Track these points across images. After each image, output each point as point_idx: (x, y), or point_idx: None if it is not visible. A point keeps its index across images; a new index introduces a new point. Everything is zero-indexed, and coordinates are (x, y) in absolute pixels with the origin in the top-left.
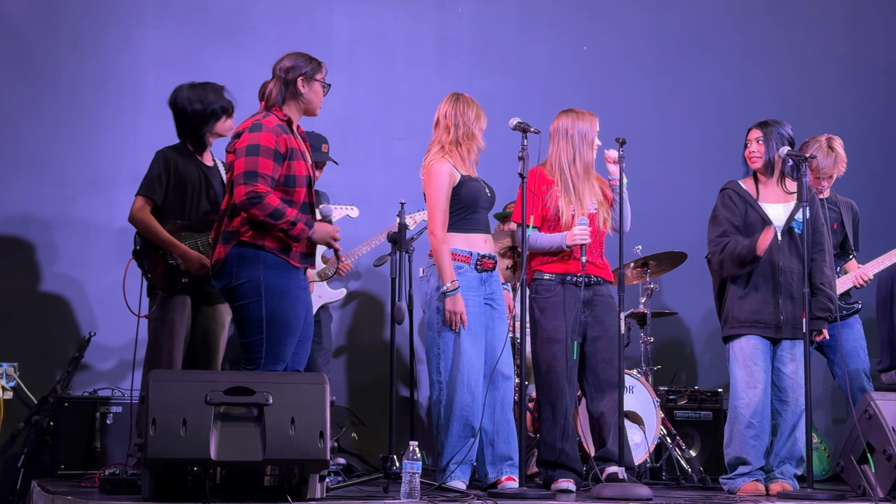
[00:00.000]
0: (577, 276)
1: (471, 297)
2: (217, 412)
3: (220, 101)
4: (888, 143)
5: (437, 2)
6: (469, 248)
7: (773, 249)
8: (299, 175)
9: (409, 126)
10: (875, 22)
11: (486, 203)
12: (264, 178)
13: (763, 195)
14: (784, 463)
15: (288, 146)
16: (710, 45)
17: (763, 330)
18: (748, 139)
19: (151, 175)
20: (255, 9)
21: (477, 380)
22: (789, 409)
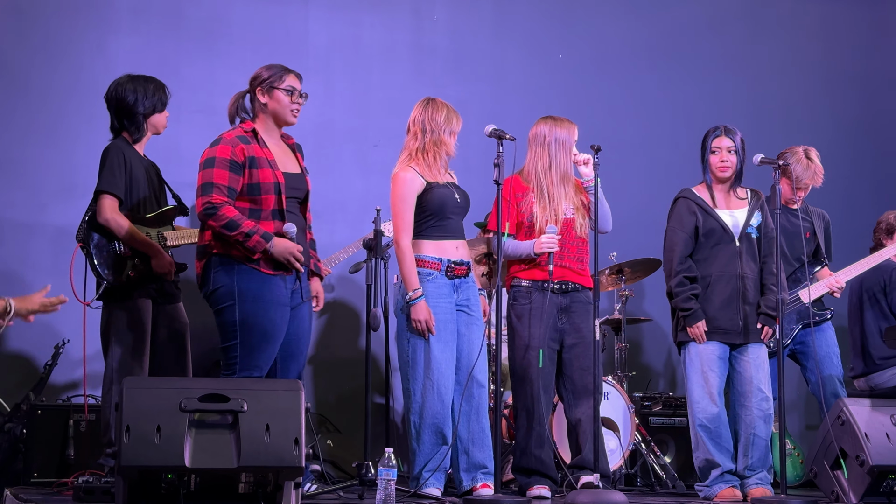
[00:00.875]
0: (553, 283)
1: (441, 304)
2: (191, 419)
3: (160, 93)
4: (860, 151)
5: (413, 9)
6: (439, 254)
7: (731, 255)
8: (264, 182)
9: (385, 133)
10: (846, 31)
11: (456, 209)
12: (219, 188)
13: (718, 202)
14: (758, 469)
15: (247, 155)
16: (684, 53)
17: (722, 336)
18: (717, 146)
19: (112, 171)
20: (231, 16)
21: (447, 387)
22: (750, 413)
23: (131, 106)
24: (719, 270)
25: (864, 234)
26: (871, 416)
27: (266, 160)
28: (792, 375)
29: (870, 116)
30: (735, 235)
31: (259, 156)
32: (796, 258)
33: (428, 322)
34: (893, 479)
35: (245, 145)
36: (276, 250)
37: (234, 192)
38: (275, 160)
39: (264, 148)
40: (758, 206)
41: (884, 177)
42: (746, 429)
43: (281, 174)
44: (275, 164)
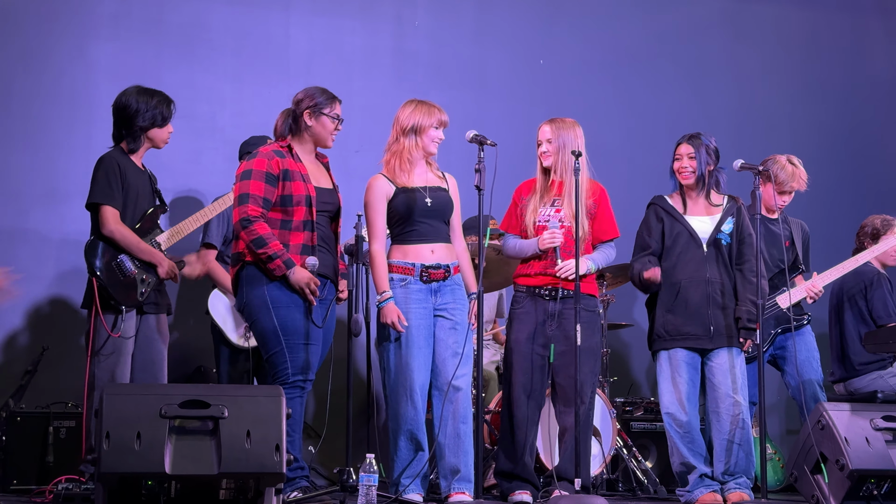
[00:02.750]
0: (544, 289)
1: (414, 310)
2: (172, 425)
3: (162, 107)
4: (840, 157)
5: (394, 14)
6: (412, 259)
7: (699, 261)
8: (296, 195)
9: (366, 139)
10: (827, 40)
11: (427, 213)
12: (255, 198)
13: (690, 208)
14: (737, 474)
15: (282, 168)
16: (666, 59)
17: (692, 342)
18: (679, 153)
19: (108, 182)
20: (211, 21)
21: (420, 392)
22: (722, 419)
23: (131, 117)
24: (688, 276)
25: (844, 241)
26: (851, 420)
27: (300, 174)
28: (772, 380)
29: (851, 122)
30: (703, 241)
31: (293, 169)
32: (775, 265)
33: (395, 323)
34: (873, 482)
35: (280, 159)
36: (294, 278)
37: (268, 203)
38: (308, 174)
39: (298, 163)
40: (731, 212)
41: (864, 183)
42: (720, 435)
43: (313, 188)
44: (308, 178)
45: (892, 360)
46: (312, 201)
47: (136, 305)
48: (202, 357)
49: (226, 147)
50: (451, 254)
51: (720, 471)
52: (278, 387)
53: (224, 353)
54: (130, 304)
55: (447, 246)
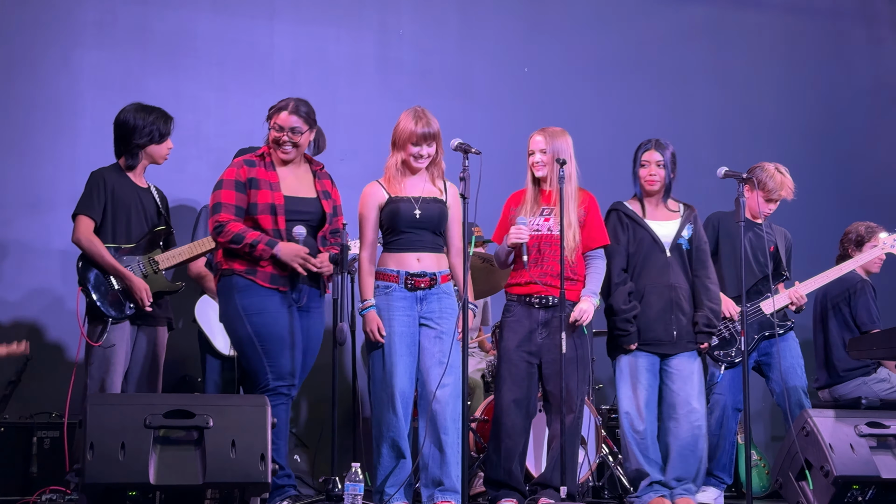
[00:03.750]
0: (533, 297)
1: (398, 317)
2: (156, 436)
3: (159, 124)
4: (823, 164)
5: (379, 23)
6: (398, 267)
7: (662, 266)
8: (261, 203)
9: (351, 147)
10: (811, 47)
11: (414, 223)
12: (227, 206)
13: (650, 214)
14: (685, 480)
15: (249, 176)
16: (650, 66)
17: (654, 347)
18: (646, 160)
19: (90, 194)
20: (196, 30)
21: (404, 400)
22: (679, 425)
23: (129, 134)
24: (652, 281)
25: (827, 247)
26: (836, 426)
27: (268, 182)
28: (757, 387)
29: (834, 129)
30: (666, 247)
31: (261, 178)
32: (760, 271)
33: (374, 332)
34: (857, 489)
35: (248, 168)
36: (283, 254)
37: (240, 211)
38: (278, 183)
39: (270, 171)
40: (689, 218)
41: (847, 190)
42: (675, 441)
43: (280, 196)
44: (276, 187)
45: (875, 366)
46: (278, 210)
47: (124, 317)
48: (187, 366)
49: (210, 155)
50: (440, 263)
51: (672, 476)
52: (263, 396)
53: (210, 362)
54: (117, 315)
55: (436, 255)
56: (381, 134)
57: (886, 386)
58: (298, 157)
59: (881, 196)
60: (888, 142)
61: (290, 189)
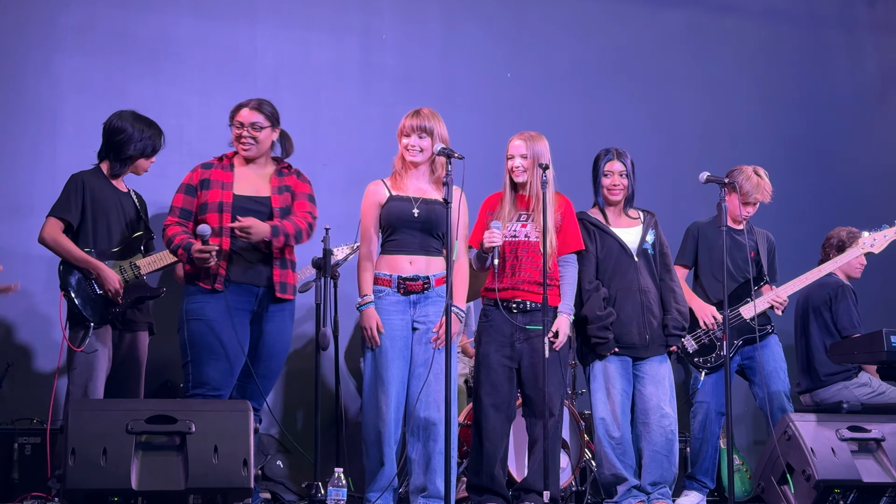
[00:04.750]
0: (511, 302)
1: (391, 321)
2: (138, 441)
3: (155, 139)
4: (802, 169)
5: (362, 28)
6: (390, 270)
7: (631, 271)
8: (210, 202)
9: (334, 152)
10: (791, 54)
11: (411, 223)
12: (173, 210)
13: (613, 222)
14: (660, 484)
15: (201, 178)
16: (631, 73)
17: (627, 351)
18: (609, 170)
19: (66, 197)
20: (178, 35)
21: (391, 405)
22: (651, 430)
23: (123, 143)
24: (623, 286)
25: (807, 251)
26: (817, 431)
27: (220, 182)
28: (739, 391)
29: (814, 135)
30: (633, 252)
31: (215, 178)
32: (741, 276)
33: (373, 329)
34: (839, 493)
35: (204, 170)
36: (193, 256)
37: (186, 213)
38: (232, 182)
39: (228, 172)
40: (651, 224)
41: (827, 194)
42: (648, 445)
43: (230, 194)
44: (228, 186)
45: (857, 370)
46: (224, 207)
47: (106, 322)
48: (169, 372)
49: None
50: (433, 266)
51: (647, 481)
52: (246, 402)
53: None
54: (99, 320)
55: (428, 258)
56: (364, 139)
57: (868, 390)
58: (263, 159)
59: (861, 200)
60: (867, 146)
61: (243, 188)
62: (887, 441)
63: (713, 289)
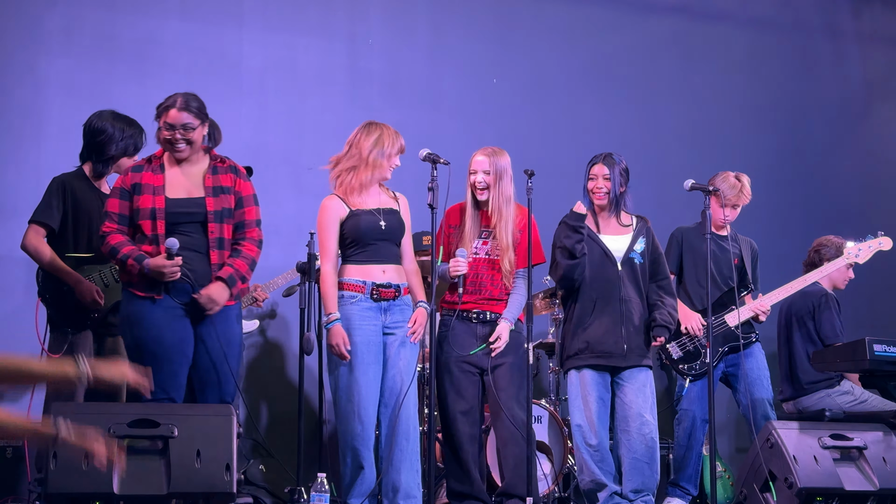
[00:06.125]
0: (472, 312)
1: (364, 327)
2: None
3: (137, 138)
4: (787, 177)
5: (348, 33)
6: (363, 277)
7: (613, 279)
8: (142, 208)
9: (319, 156)
10: (777, 62)
11: (381, 235)
12: (111, 216)
13: (602, 228)
14: (643, 492)
15: (133, 182)
16: (618, 80)
17: (605, 359)
18: (593, 173)
19: (47, 201)
20: (164, 37)
21: (367, 410)
22: (632, 438)
23: (104, 143)
24: (603, 295)
25: (791, 259)
26: (800, 438)
27: (151, 186)
28: (723, 398)
29: (799, 143)
30: (617, 260)
31: (145, 182)
32: (724, 283)
33: (339, 346)
34: (821, 501)
35: (135, 173)
36: (149, 270)
37: (124, 219)
38: (163, 186)
39: (158, 174)
40: (642, 231)
41: (810, 203)
42: (628, 453)
43: (162, 199)
44: (159, 190)
45: (839, 379)
46: (157, 213)
47: (85, 328)
48: None
49: None
50: (401, 275)
51: (629, 489)
52: (229, 406)
53: None
54: (78, 326)
55: (397, 267)
56: None
57: (850, 398)
58: (195, 155)
59: (845, 209)
60: (852, 156)
61: (176, 191)
62: (869, 449)
63: (697, 295)
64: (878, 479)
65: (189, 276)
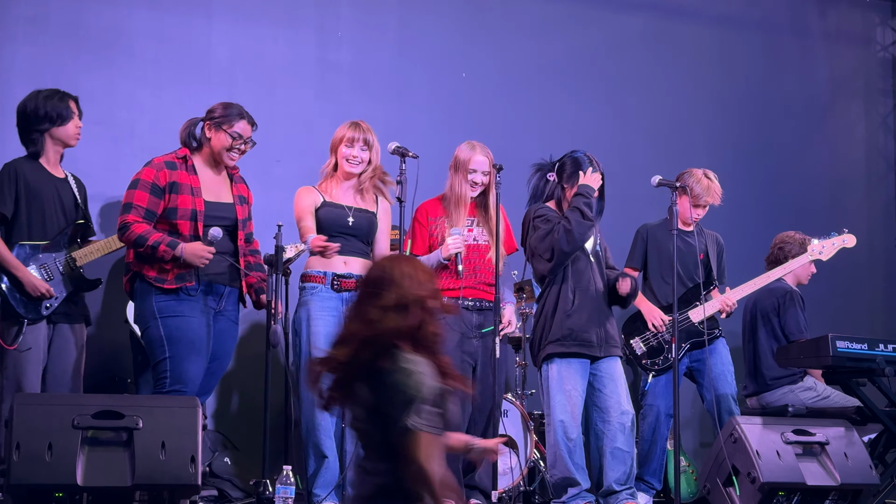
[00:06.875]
0: (468, 300)
1: (324, 317)
2: (84, 436)
3: (57, 105)
4: (753, 174)
5: (317, 25)
6: (324, 268)
7: (587, 272)
8: (181, 208)
9: (288, 148)
10: (743, 59)
11: (346, 230)
12: (137, 209)
13: None
14: (626, 483)
15: (169, 180)
16: (587, 75)
17: (586, 349)
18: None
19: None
20: (132, 27)
21: None
22: (612, 427)
23: (27, 120)
24: (580, 286)
25: (757, 255)
26: (763, 433)
27: (189, 187)
28: (687, 393)
29: (765, 140)
30: (589, 251)
31: (182, 182)
32: (689, 279)
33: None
34: (783, 495)
35: (170, 171)
36: (186, 254)
37: (151, 214)
38: (200, 188)
39: (192, 175)
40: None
41: (776, 200)
42: (609, 443)
43: (202, 202)
44: (198, 192)
45: (802, 374)
46: (198, 215)
47: (41, 317)
48: (118, 367)
49: (144, 154)
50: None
51: (612, 479)
52: (194, 398)
53: (142, 364)
54: (33, 317)
55: (363, 261)
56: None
57: (812, 394)
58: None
59: (810, 207)
60: (818, 154)
61: (211, 194)
62: (831, 445)
63: (662, 291)
64: (839, 474)
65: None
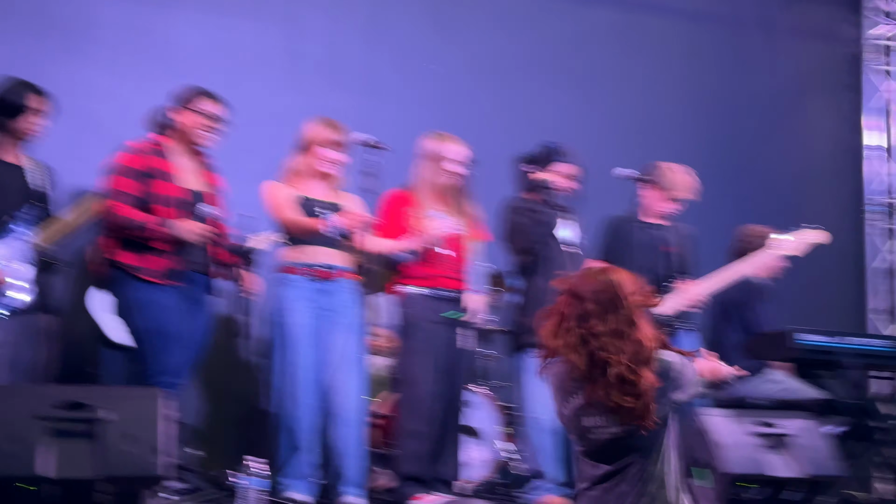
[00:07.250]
0: (442, 291)
1: (300, 308)
2: (46, 427)
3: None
4: (720, 169)
5: (285, 16)
6: (298, 259)
7: (560, 261)
8: (158, 194)
9: (255, 140)
10: (711, 53)
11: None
12: (125, 196)
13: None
14: None
15: (149, 166)
16: (555, 68)
17: None
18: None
19: None
20: (99, 16)
21: (302, 391)
22: None
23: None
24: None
25: (723, 250)
26: (725, 425)
27: (162, 172)
28: None
29: (732, 134)
30: (564, 241)
31: (157, 167)
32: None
33: None
34: (743, 486)
35: (146, 156)
36: (177, 230)
37: (133, 199)
38: (174, 174)
39: (166, 161)
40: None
41: (744, 195)
42: None
43: (178, 188)
44: (173, 178)
45: (766, 367)
46: (174, 202)
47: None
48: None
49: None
50: (345, 260)
51: None
52: (156, 388)
53: (107, 354)
54: None
55: (339, 252)
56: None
57: (775, 386)
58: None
59: (777, 201)
60: (785, 149)
61: (184, 181)
62: (795, 436)
63: None
64: (800, 465)
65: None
